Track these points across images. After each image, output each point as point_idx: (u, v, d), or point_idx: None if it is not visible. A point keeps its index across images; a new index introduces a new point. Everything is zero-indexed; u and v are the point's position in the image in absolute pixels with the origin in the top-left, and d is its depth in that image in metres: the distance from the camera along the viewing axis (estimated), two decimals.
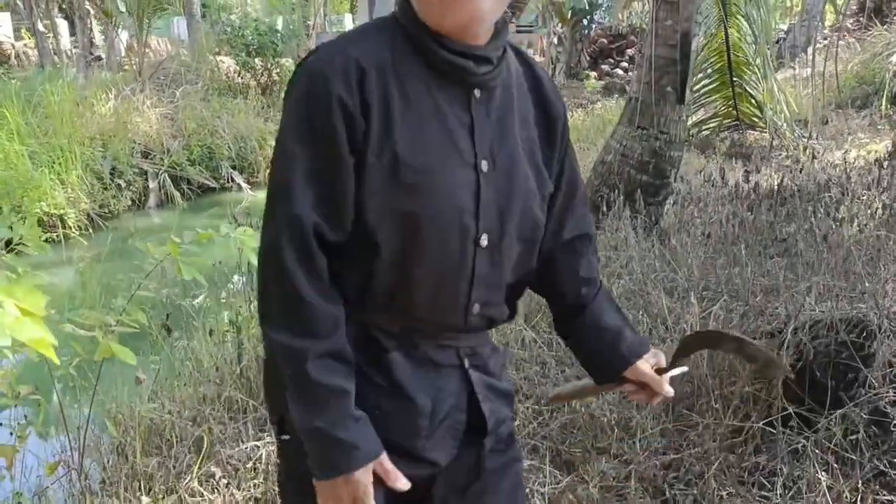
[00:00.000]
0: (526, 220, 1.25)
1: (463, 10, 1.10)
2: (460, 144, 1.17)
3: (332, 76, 1.11)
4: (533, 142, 1.29)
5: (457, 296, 1.22)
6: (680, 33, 4.66)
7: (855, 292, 2.97)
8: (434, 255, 1.16)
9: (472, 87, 1.19)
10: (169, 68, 11.77)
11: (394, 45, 1.17)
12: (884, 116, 8.73)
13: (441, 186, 1.15)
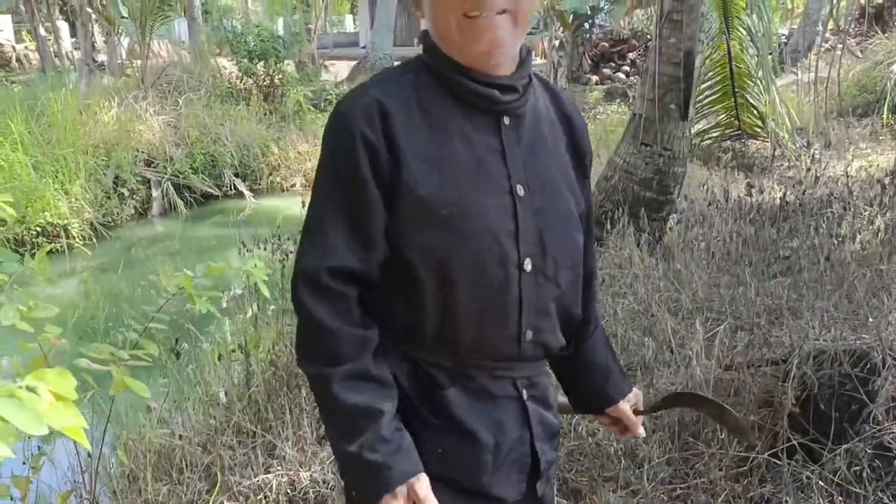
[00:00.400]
0: (568, 242, 1.27)
1: (483, 39, 1.13)
2: (493, 171, 1.19)
3: (356, 116, 1.15)
4: (567, 166, 1.32)
5: (507, 324, 1.21)
6: (683, 51, 4.68)
7: (858, 319, 2.99)
8: (477, 283, 1.17)
9: (501, 114, 1.22)
10: (172, 75, 11.77)
11: (418, 82, 1.21)
12: (885, 125, 8.75)
13: (476, 214, 1.16)
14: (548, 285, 1.24)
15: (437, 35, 1.20)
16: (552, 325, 1.28)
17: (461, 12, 1.13)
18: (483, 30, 1.13)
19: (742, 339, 3.22)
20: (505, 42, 1.15)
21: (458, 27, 1.14)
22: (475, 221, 1.16)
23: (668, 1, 4.69)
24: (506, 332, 1.21)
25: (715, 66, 7.40)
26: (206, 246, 8.45)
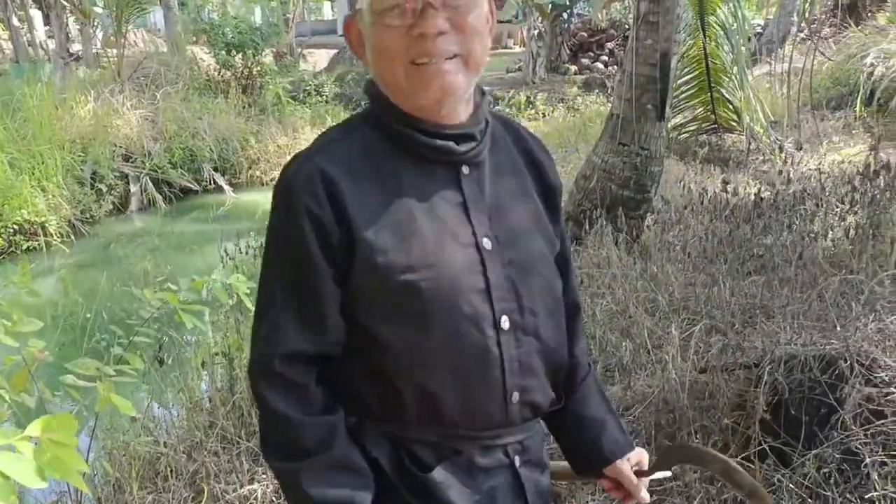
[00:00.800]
0: (544, 291, 1.20)
1: (433, 86, 1.07)
2: (455, 228, 1.12)
3: (299, 189, 1.08)
4: (537, 208, 1.24)
5: (491, 388, 1.13)
6: (659, 52, 4.74)
7: (828, 322, 3.08)
8: (452, 350, 1.09)
9: (459, 165, 1.15)
10: (149, 67, 11.67)
11: (366, 139, 1.14)
12: (858, 118, 8.87)
13: (442, 277, 1.08)
14: (529, 340, 1.16)
15: (384, 84, 1.13)
16: (540, 383, 1.20)
17: (408, 59, 1.07)
18: (433, 77, 1.07)
19: (717, 341, 3.30)
20: (457, 89, 1.09)
21: (405, 75, 1.08)
22: (442, 285, 1.08)
23: (645, 3, 4.74)
24: (490, 398, 1.13)
25: (691, 63, 7.48)
26: (186, 241, 8.43)
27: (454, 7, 1.06)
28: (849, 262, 4.03)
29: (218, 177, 10.06)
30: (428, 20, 1.04)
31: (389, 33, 1.07)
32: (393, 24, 1.06)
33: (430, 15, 1.05)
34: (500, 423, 1.16)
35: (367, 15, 1.09)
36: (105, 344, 3.21)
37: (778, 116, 8.58)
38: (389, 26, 1.06)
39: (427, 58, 1.06)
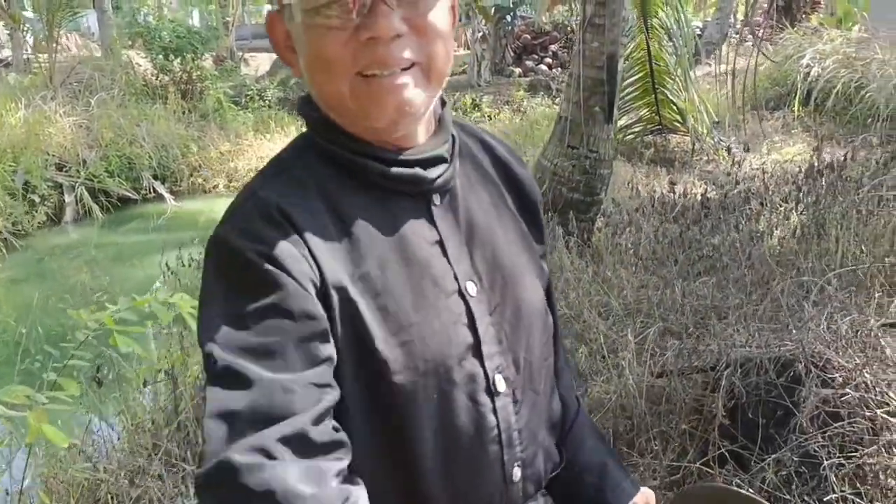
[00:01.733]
0: (537, 331, 1.02)
1: (387, 104, 0.85)
2: (434, 271, 0.92)
3: (254, 225, 0.84)
4: (520, 231, 1.06)
5: (488, 470, 0.95)
6: (606, 55, 4.73)
7: (780, 323, 3.09)
8: (441, 425, 0.90)
9: (429, 194, 0.94)
10: (82, 73, 11.30)
11: (316, 173, 0.91)
12: (796, 118, 9.09)
13: (424, 336, 0.88)
14: (528, 399, 0.99)
15: (324, 101, 0.90)
16: (543, 448, 1.03)
17: (354, 71, 0.84)
18: (387, 92, 0.85)
19: (672, 345, 3.29)
20: (417, 106, 0.87)
21: (352, 92, 0.85)
22: (424, 346, 0.88)
23: (590, 6, 4.74)
24: (488, 481, 0.95)
25: (636, 64, 7.54)
26: (124, 253, 8.18)
27: (412, 4, 0.84)
28: (796, 260, 4.08)
29: (158, 185, 9.77)
30: (380, 20, 0.81)
31: (329, 37, 0.83)
32: (333, 24, 0.82)
33: (383, 13, 0.82)
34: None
35: (298, 12, 0.85)
36: (39, 365, 3.04)
37: (720, 117, 8.73)
38: (328, 28, 0.83)
39: (379, 68, 0.84)
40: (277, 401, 0.76)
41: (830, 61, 9.23)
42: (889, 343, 2.62)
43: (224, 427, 0.75)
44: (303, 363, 0.79)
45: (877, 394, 2.41)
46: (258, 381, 0.76)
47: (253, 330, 0.79)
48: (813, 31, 11.11)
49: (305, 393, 0.78)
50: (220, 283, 0.83)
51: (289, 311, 0.80)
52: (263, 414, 0.75)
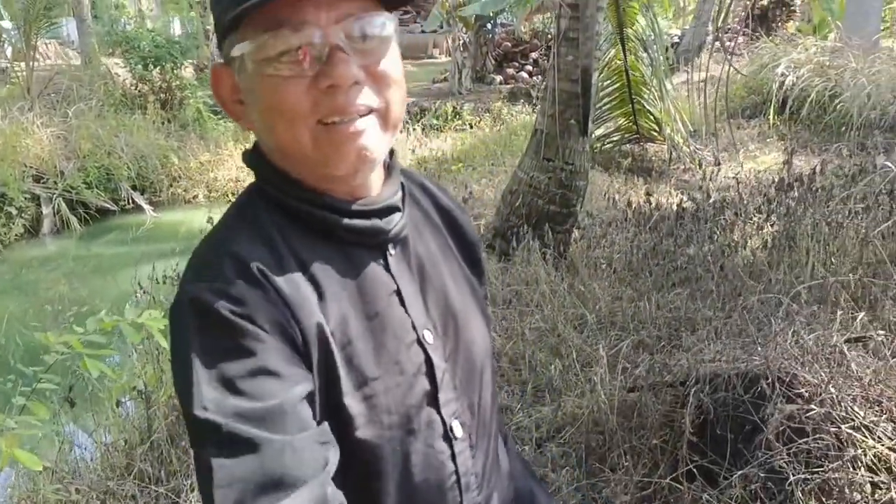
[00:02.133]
0: (489, 374, 1.05)
1: (348, 151, 0.86)
2: (394, 323, 0.93)
3: (228, 277, 0.82)
4: (465, 276, 1.08)
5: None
6: (581, 69, 4.78)
7: (749, 337, 3.13)
8: (403, 476, 0.91)
9: (385, 245, 0.96)
10: (61, 83, 11.22)
11: (274, 225, 0.90)
12: (772, 127, 9.19)
13: (387, 389, 0.89)
14: (482, 441, 1.01)
15: (279, 150, 0.89)
16: (499, 488, 1.05)
17: (315, 119, 0.84)
18: (348, 139, 0.85)
19: (644, 358, 3.32)
20: (376, 152, 0.88)
21: (314, 140, 0.85)
22: (388, 399, 0.89)
23: (565, 20, 4.78)
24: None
25: (612, 75, 7.61)
26: (103, 265, 8.12)
27: (367, 51, 0.85)
28: (767, 272, 4.13)
29: (137, 196, 9.69)
30: (339, 68, 0.82)
31: (287, 86, 0.83)
32: (287, 73, 0.83)
33: (342, 61, 0.82)
34: None
35: (251, 63, 0.85)
36: (11, 385, 3.02)
37: (696, 125, 8.81)
38: (284, 77, 0.83)
39: (339, 116, 0.84)
40: (288, 464, 0.75)
41: (805, 70, 9.34)
42: (854, 358, 2.66)
43: (232, 494, 0.73)
44: (301, 423, 0.78)
45: (842, 409, 2.45)
46: (266, 444, 0.75)
47: (247, 394, 0.77)
48: (788, 39, 11.24)
49: (313, 453, 0.77)
50: (202, 346, 0.79)
51: (279, 372, 0.79)
52: (277, 479, 0.74)
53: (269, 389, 0.77)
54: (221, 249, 0.86)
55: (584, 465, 2.90)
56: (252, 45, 0.83)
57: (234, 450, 0.75)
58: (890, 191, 4.50)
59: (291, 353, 0.81)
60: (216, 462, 0.74)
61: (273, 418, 0.76)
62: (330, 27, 0.83)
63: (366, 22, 0.85)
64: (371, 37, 0.85)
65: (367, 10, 0.86)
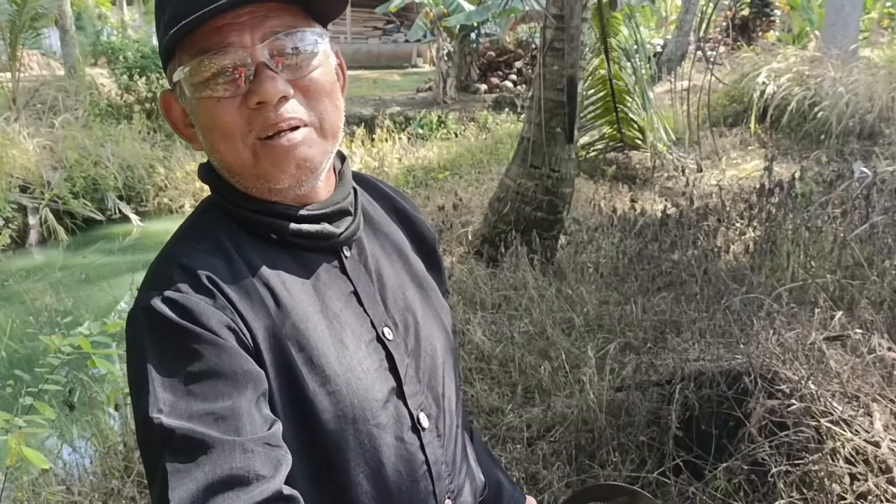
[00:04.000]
0: (450, 367, 1.08)
1: (288, 163, 0.89)
2: (352, 321, 0.96)
3: (194, 302, 0.84)
4: (424, 276, 1.12)
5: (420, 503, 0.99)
6: (566, 78, 4.89)
7: (732, 337, 3.23)
8: (373, 468, 0.94)
9: (339, 248, 0.99)
10: (46, 94, 11.21)
11: (229, 235, 0.94)
12: (753, 135, 9.36)
13: (350, 387, 0.92)
14: (450, 430, 1.04)
15: (225, 168, 0.93)
16: (469, 476, 1.10)
17: (253, 136, 0.88)
18: (286, 152, 0.88)
19: (631, 360, 3.42)
20: (316, 163, 0.91)
21: (253, 155, 0.89)
22: (351, 394, 0.91)
23: (550, 31, 4.90)
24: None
25: (597, 83, 7.73)
26: (90, 274, 8.13)
27: (295, 65, 0.89)
28: (750, 275, 4.24)
29: (123, 205, 9.70)
30: (265, 84, 0.86)
31: (221, 107, 0.88)
32: (221, 94, 0.87)
33: (267, 78, 0.86)
34: None
35: (188, 88, 0.89)
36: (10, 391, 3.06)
37: (680, 133, 8.97)
38: (218, 99, 0.88)
39: (272, 130, 0.88)
40: (240, 463, 0.75)
41: (785, 79, 9.53)
42: (833, 356, 2.77)
43: (188, 494, 0.73)
44: (253, 425, 0.79)
45: (821, 404, 2.55)
46: (216, 445, 0.75)
47: (199, 395, 0.78)
48: (768, 49, 11.45)
49: (265, 454, 0.78)
50: (153, 352, 0.81)
51: (231, 373, 0.80)
52: (230, 479, 0.74)
53: (221, 391, 0.79)
54: (173, 261, 0.89)
55: (574, 462, 2.99)
56: (185, 70, 0.88)
57: (187, 453, 0.75)
58: (866, 196, 4.63)
59: (243, 356, 0.83)
60: (171, 466, 0.74)
61: (226, 419, 0.78)
62: (255, 46, 0.87)
63: (290, 37, 0.89)
64: (297, 52, 0.89)
65: (293, 27, 0.89)
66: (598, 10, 6.37)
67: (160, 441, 0.76)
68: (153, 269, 0.91)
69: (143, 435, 0.79)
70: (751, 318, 3.22)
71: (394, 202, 1.15)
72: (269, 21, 0.88)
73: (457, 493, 1.05)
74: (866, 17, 15.28)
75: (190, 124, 0.95)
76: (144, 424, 0.78)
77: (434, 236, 1.19)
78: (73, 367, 3.44)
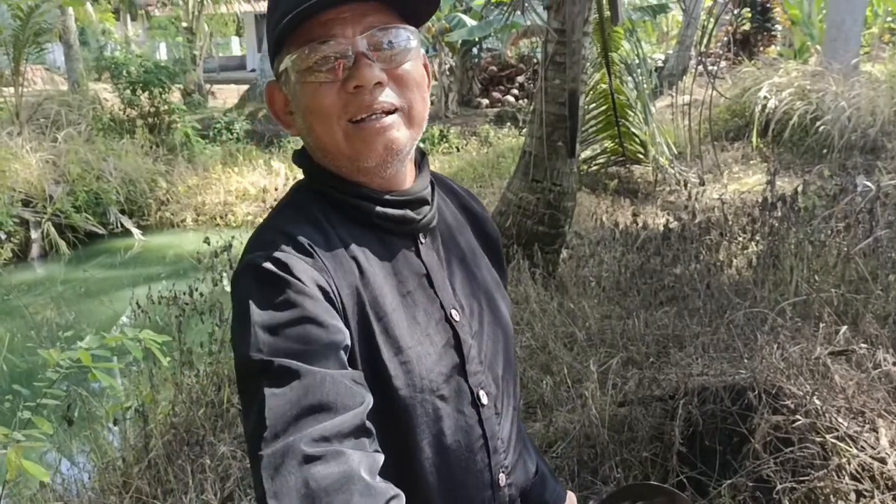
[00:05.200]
0: (508, 350, 1.16)
1: (376, 145, 0.98)
2: (423, 302, 1.05)
3: (289, 254, 0.94)
4: (487, 265, 1.21)
5: (478, 477, 1.07)
6: (567, 92, 4.88)
7: (736, 352, 3.20)
8: (436, 436, 1.02)
9: (416, 233, 1.08)
10: (49, 108, 11.25)
11: (322, 213, 1.03)
12: (755, 149, 9.35)
13: (419, 360, 1.00)
14: (507, 412, 1.12)
15: (321, 149, 1.03)
16: (522, 457, 1.16)
17: (346, 118, 0.98)
18: (375, 134, 0.98)
19: (633, 374, 3.39)
20: (402, 146, 1.00)
21: (345, 136, 0.98)
22: (420, 366, 1.00)
23: (552, 45, 4.90)
24: (478, 484, 1.07)
25: (598, 98, 7.73)
26: (91, 288, 8.12)
27: (389, 57, 0.99)
28: (753, 289, 4.22)
29: (125, 219, 9.71)
30: (363, 71, 0.96)
31: (322, 91, 0.98)
32: (323, 79, 0.97)
33: (365, 65, 0.96)
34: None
35: (293, 74, 0.99)
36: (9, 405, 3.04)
37: (681, 147, 8.97)
38: (320, 83, 0.98)
39: (366, 113, 0.97)
40: (329, 391, 0.85)
41: (787, 93, 9.54)
42: (837, 371, 2.74)
43: (284, 415, 0.82)
44: (340, 363, 0.89)
45: (826, 420, 2.53)
46: (308, 374, 0.85)
47: (293, 337, 0.88)
48: (769, 64, 11.47)
49: (351, 388, 0.87)
50: (256, 301, 0.91)
51: (321, 322, 0.90)
52: (321, 404, 0.84)
53: (314, 335, 0.89)
54: (274, 229, 0.99)
55: (577, 478, 2.95)
56: (292, 58, 0.99)
57: (283, 380, 0.85)
58: (870, 210, 4.61)
59: (331, 312, 0.92)
60: (268, 391, 0.84)
61: (316, 356, 0.87)
62: (356, 38, 0.97)
63: (386, 32, 0.99)
64: (391, 45, 0.99)
65: (388, 24, 1.00)
66: (599, 24, 6.38)
67: (259, 372, 0.86)
68: (255, 237, 1.01)
69: (244, 370, 0.89)
70: (754, 333, 3.19)
71: (463, 200, 1.25)
72: (368, 18, 0.98)
73: (510, 469, 1.12)
74: (867, 33, 15.32)
75: (289, 112, 1.05)
76: (246, 361, 0.88)
77: (498, 234, 1.29)
78: (73, 381, 3.42)
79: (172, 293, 4.36)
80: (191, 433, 3.40)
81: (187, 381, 3.79)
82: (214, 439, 3.28)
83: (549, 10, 4.99)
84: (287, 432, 0.81)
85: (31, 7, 11.17)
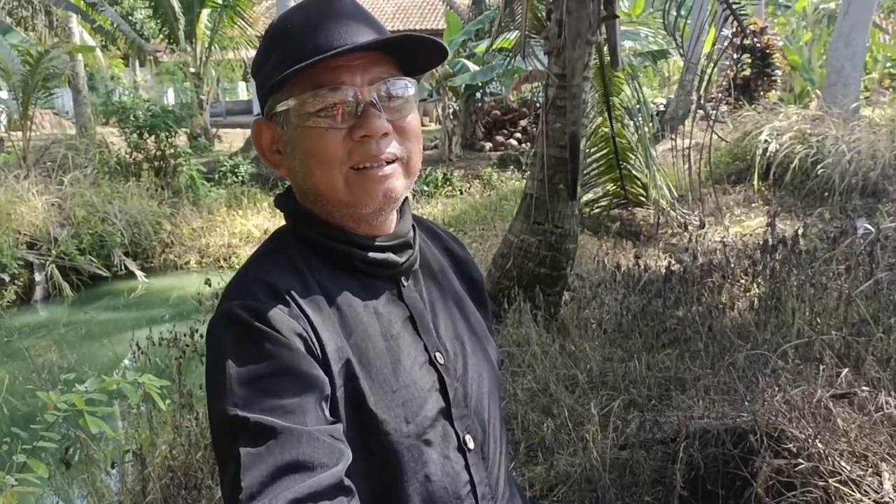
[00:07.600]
0: (493, 393, 1.14)
1: (377, 193, 0.99)
2: (408, 345, 1.04)
3: (264, 300, 0.93)
4: (472, 311, 1.20)
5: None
6: (568, 135, 4.93)
7: (738, 394, 3.18)
8: (423, 482, 1.00)
9: (399, 276, 1.08)
10: (56, 152, 11.38)
11: (304, 258, 1.02)
12: (757, 192, 9.39)
13: (407, 406, 0.99)
14: (493, 455, 1.10)
15: (313, 193, 1.02)
16: (512, 502, 1.14)
17: (349, 165, 0.98)
18: (377, 182, 0.99)
19: (635, 417, 3.36)
20: (399, 195, 1.02)
21: (346, 182, 0.99)
22: (407, 410, 0.99)
23: (553, 89, 4.96)
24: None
25: (600, 141, 7.80)
26: (94, 331, 8.12)
27: (395, 109, 1.01)
28: (755, 331, 4.20)
29: (129, 262, 9.74)
30: (372, 121, 0.97)
31: (327, 137, 0.98)
32: (325, 125, 0.98)
33: (374, 115, 0.97)
34: None
35: (294, 117, 0.99)
36: (7, 447, 3.03)
37: (683, 191, 9.01)
38: (324, 129, 0.98)
39: (371, 162, 0.98)
40: (305, 450, 0.83)
41: (787, 137, 9.61)
42: (840, 414, 2.72)
43: (259, 476, 0.81)
44: (318, 420, 0.87)
45: (829, 463, 2.50)
46: (284, 431, 0.83)
47: (270, 391, 0.87)
48: (770, 108, 11.58)
49: (329, 444, 0.85)
50: (231, 353, 0.90)
51: (299, 373, 0.89)
52: (295, 462, 0.82)
53: (290, 388, 0.87)
54: (252, 277, 0.99)
55: None
56: (296, 101, 0.99)
57: (258, 439, 0.83)
58: (870, 252, 4.62)
59: (311, 362, 0.91)
60: (244, 451, 0.83)
61: (294, 410, 0.86)
62: (364, 88, 0.98)
63: (393, 84, 1.01)
64: (397, 97, 1.01)
65: (394, 75, 1.01)
66: (600, 69, 6.47)
67: (234, 430, 0.84)
68: (233, 284, 1.00)
69: (219, 427, 0.88)
70: (756, 376, 3.17)
71: (446, 243, 1.26)
72: (376, 67, 1.00)
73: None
74: (867, 77, 15.50)
75: (277, 151, 1.05)
76: (221, 417, 0.86)
77: (481, 276, 1.29)
78: (72, 424, 3.40)
79: (173, 335, 4.36)
80: (189, 476, 3.37)
81: (186, 423, 3.77)
82: (212, 482, 3.25)
83: (549, 55, 5.07)
84: (263, 493, 0.80)
85: (40, 53, 11.38)
